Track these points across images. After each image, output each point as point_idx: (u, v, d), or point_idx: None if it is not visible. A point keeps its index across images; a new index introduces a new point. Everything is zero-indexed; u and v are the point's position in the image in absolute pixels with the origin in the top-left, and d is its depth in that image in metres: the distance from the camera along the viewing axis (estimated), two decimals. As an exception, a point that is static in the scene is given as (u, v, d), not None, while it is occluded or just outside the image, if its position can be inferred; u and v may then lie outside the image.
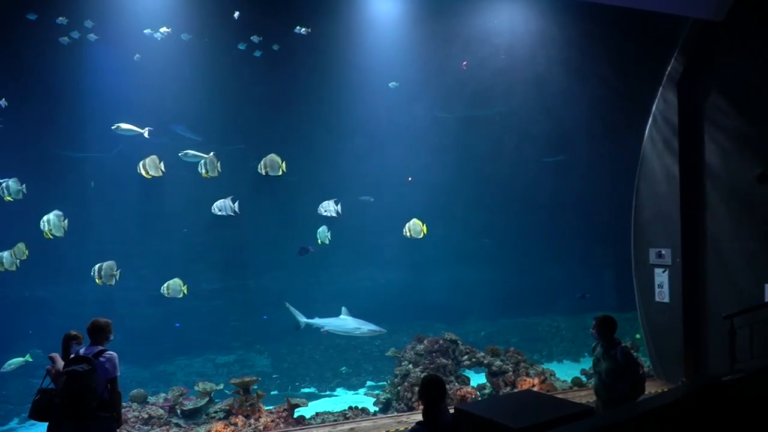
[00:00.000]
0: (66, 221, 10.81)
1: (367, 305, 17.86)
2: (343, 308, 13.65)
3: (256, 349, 17.48)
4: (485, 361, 12.25)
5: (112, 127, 11.19)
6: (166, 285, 11.62)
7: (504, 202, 19.00)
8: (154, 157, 10.92)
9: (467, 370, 12.51)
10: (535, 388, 11.49)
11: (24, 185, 10.72)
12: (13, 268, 11.24)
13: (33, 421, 6.41)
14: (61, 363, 6.10)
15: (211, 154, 11.75)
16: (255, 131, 16.83)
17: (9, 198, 10.59)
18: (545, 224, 19.13)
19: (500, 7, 15.34)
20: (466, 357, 12.36)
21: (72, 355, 6.12)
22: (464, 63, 17.32)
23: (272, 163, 11.29)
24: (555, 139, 18.55)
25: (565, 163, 19.22)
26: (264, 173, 11.31)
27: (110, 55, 14.39)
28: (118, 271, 11.02)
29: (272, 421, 10.06)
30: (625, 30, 13.48)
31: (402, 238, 14.10)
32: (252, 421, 9.92)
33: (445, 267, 18.78)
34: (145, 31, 12.84)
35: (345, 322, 13.50)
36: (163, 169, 10.93)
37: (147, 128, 11.32)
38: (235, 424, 9.74)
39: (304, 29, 13.28)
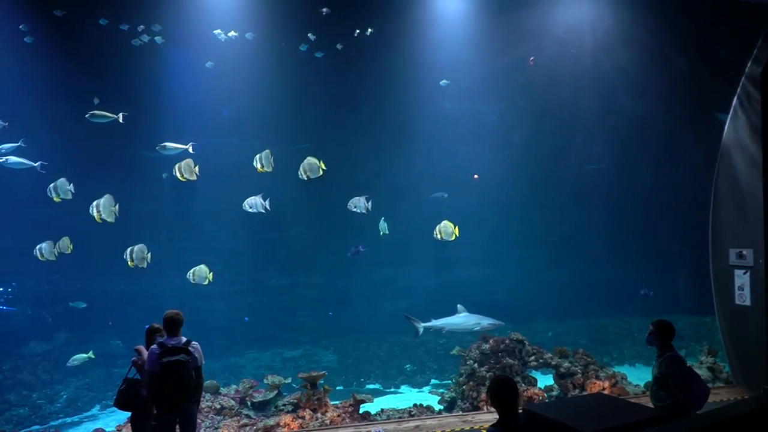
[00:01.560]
0: (117, 206, 10.84)
1: (431, 303, 17.85)
2: (459, 305, 13.45)
3: (322, 344, 17.78)
4: (553, 363, 11.99)
5: (157, 148, 11.31)
6: (192, 271, 11.68)
7: (574, 200, 18.53)
8: (189, 160, 11.04)
9: (534, 371, 12.28)
10: (606, 392, 11.16)
11: (72, 185, 10.92)
12: (53, 258, 11.42)
13: (114, 409, 6.71)
14: (146, 354, 6.36)
15: (189, 145, 11.61)
16: (322, 130, 17.11)
17: (57, 198, 10.88)
18: (617, 222, 18.51)
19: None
20: (533, 357, 12.14)
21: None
22: (531, 59, 17.02)
23: (311, 167, 11.24)
24: (626, 134, 17.92)
25: (638, 160, 18.53)
26: (306, 178, 11.23)
27: (183, 57, 14.97)
28: (149, 254, 11.16)
29: (338, 415, 10.20)
30: (703, 19, 12.89)
31: (466, 235, 13.98)
32: (319, 414, 10.10)
33: (511, 265, 18.49)
34: (214, 32, 13.19)
35: (465, 319, 13.14)
36: (197, 173, 10.97)
37: (191, 143, 11.45)
38: (303, 417, 9.93)
39: (369, 30, 13.32)
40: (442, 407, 11.49)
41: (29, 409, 13.89)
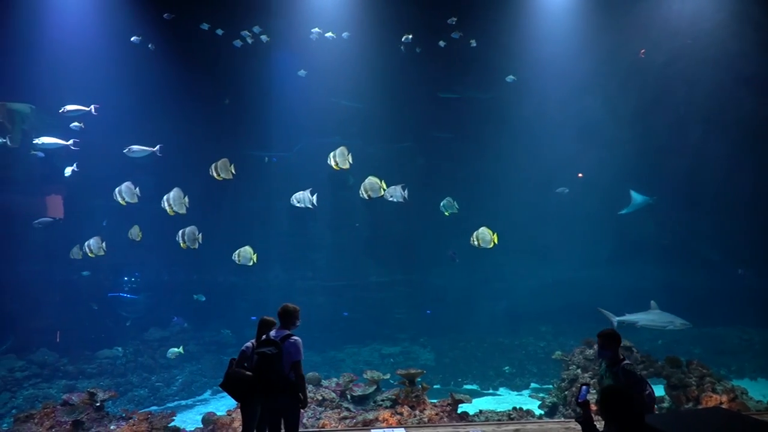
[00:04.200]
0: (186, 198, 11.26)
1: (532, 305, 17.47)
2: (652, 302, 13.18)
3: (420, 342, 17.86)
4: (664, 373, 11.33)
5: (124, 150, 11.69)
6: (237, 252, 11.83)
7: (689, 199, 17.41)
8: (225, 160, 11.42)
9: (642, 380, 11.70)
10: (723, 407, 10.41)
11: (138, 188, 11.51)
12: (101, 253, 12.01)
13: (224, 394, 7.05)
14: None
15: (157, 147, 11.81)
16: (423, 129, 17.18)
17: (123, 202, 11.49)
18: (738, 224, 17.18)
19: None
20: (641, 366, 11.53)
21: (263, 338, 6.65)
22: (642, 51, 16.19)
23: (372, 186, 11.16)
24: (749, 128, 16.59)
25: (761, 160, 17.08)
26: (367, 197, 11.18)
27: (288, 59, 15.55)
28: (200, 234, 11.50)
29: (436, 414, 10.19)
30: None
31: (570, 236, 13.55)
32: (417, 412, 10.14)
33: (618, 268, 17.66)
34: (312, 30, 13.51)
35: (658, 317, 12.89)
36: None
37: (158, 146, 11.80)
38: (401, 414, 10.02)
39: (457, 30, 13.14)
40: (542, 412, 11.21)
41: (148, 390, 14.99)
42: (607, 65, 16.15)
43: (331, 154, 11.21)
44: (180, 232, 11.46)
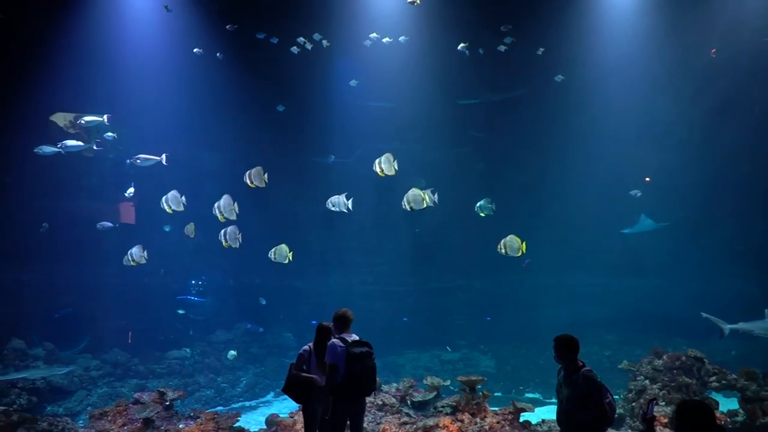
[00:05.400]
0: (236, 204, 11.40)
1: (597, 312, 16.99)
2: (767, 310, 12.81)
3: (480, 349, 17.68)
4: (738, 385, 10.78)
5: (129, 161, 11.89)
6: (273, 250, 11.76)
7: (763, 205, 16.55)
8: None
9: (714, 393, 11.17)
10: (806, 423, 9.81)
11: (184, 197, 11.71)
12: (143, 262, 12.18)
13: (286, 396, 7.11)
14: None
15: (162, 156, 11.89)
16: (483, 133, 17.04)
17: (170, 210, 11.72)
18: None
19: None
20: (713, 378, 11.03)
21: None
22: (713, 50, 15.55)
23: (415, 198, 10.94)
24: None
25: None
26: (409, 209, 10.96)
27: (346, 66, 15.75)
28: (240, 233, 11.57)
29: (498, 422, 10.05)
30: None
31: (638, 242, 13.11)
32: (478, 420, 10.03)
33: (688, 276, 16.95)
34: (370, 35, 13.61)
35: None
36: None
37: (164, 155, 11.99)
38: (462, 421, 9.94)
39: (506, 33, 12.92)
40: (608, 423, 10.86)
41: (214, 391, 15.45)
42: (676, 65, 15.57)
43: (377, 160, 11.07)
44: (222, 231, 11.66)
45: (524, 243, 11.27)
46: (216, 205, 11.40)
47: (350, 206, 11.63)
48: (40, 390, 12.66)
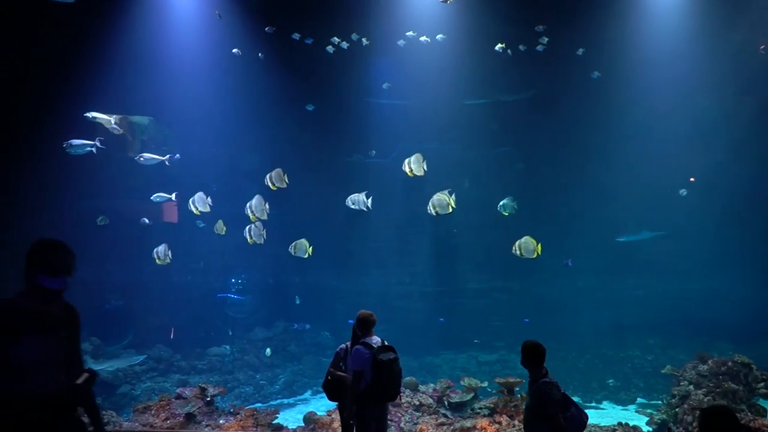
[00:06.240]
0: (267, 205, 11.55)
1: (639, 316, 16.63)
2: None
3: (518, 351, 17.42)
4: (788, 393, 10.46)
5: (136, 158, 11.98)
6: (293, 244, 11.85)
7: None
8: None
9: (762, 400, 10.83)
10: None
11: (209, 198, 11.95)
12: (168, 261, 12.45)
13: (323, 395, 7.15)
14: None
15: (167, 157, 12.01)
16: (522, 133, 16.86)
17: (197, 212, 11.96)
18: None
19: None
20: (762, 384, 10.70)
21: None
22: (762, 47, 15.04)
23: (440, 203, 10.83)
24: None
25: None
26: (435, 214, 10.84)
27: (384, 66, 15.79)
28: (265, 230, 11.63)
29: (536, 425, 9.94)
30: None
31: (681, 244, 12.76)
32: (516, 422, 9.92)
33: (737, 279, 16.44)
34: (407, 33, 13.59)
35: None
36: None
37: (168, 155, 12.12)
38: (500, 423, 9.84)
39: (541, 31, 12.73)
40: (650, 429, 10.66)
41: (253, 388, 15.68)
42: (723, 63, 15.11)
43: (407, 160, 11.06)
44: (246, 228, 11.86)
45: (539, 245, 11.15)
46: (248, 204, 11.61)
47: (369, 205, 11.53)
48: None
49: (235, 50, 13.55)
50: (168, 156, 12.37)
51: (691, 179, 16.84)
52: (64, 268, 3.71)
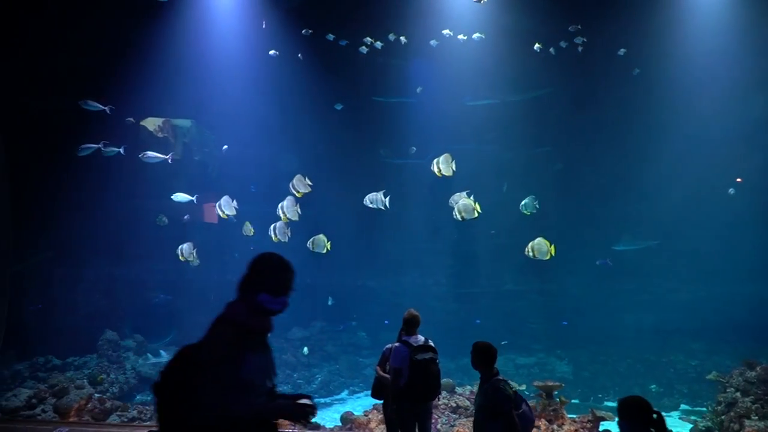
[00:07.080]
0: (298, 206, 11.53)
1: (683, 320, 16.22)
2: None
3: (557, 354, 17.25)
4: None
5: (139, 156, 12.04)
6: (312, 240, 11.76)
7: None
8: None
9: (814, 409, 10.43)
10: None
11: (235, 201, 12.12)
12: (191, 259, 12.54)
13: (360, 395, 7.18)
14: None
15: (169, 155, 12.13)
16: (561, 133, 16.62)
17: (224, 215, 12.09)
18: None
19: None
20: (795, 389, 10.33)
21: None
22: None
23: (466, 208, 10.62)
24: None
25: None
26: (461, 219, 10.65)
27: (421, 67, 15.77)
28: (289, 228, 11.61)
29: (575, 430, 9.78)
30: None
31: (727, 246, 12.35)
32: (554, 426, 9.80)
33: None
34: (443, 31, 13.50)
35: None
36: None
37: (170, 154, 12.26)
38: (538, 427, 9.72)
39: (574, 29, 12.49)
40: (695, 436, 10.38)
41: (291, 387, 15.81)
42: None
43: (435, 160, 10.83)
44: (272, 226, 11.87)
45: (553, 246, 11.02)
46: (279, 205, 11.66)
47: (387, 204, 11.47)
48: (129, 380, 13.51)
49: (272, 52, 13.69)
50: (170, 154, 12.60)
51: (738, 179, 16.35)
52: (287, 291, 3.68)
